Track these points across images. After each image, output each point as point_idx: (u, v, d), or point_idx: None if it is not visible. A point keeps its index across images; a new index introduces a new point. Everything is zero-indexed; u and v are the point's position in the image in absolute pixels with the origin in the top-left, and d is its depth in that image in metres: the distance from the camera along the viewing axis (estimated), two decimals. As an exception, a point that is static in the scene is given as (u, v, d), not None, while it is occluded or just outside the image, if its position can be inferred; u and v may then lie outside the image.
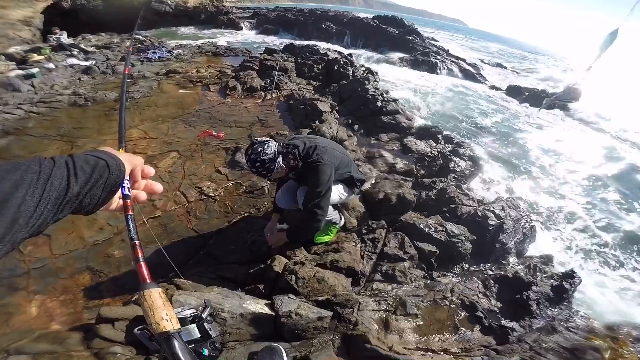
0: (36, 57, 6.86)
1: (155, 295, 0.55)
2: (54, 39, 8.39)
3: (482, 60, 20.84)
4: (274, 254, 2.41)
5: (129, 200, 0.60)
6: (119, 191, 0.59)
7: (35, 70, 5.77)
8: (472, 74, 14.03)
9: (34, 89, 5.34)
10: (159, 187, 0.69)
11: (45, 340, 1.79)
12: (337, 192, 2.36)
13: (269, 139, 2.06)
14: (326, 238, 2.58)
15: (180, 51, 9.18)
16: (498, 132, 7.55)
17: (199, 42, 12.46)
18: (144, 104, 4.78)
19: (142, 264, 0.58)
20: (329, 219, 2.45)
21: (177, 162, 3.32)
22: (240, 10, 27.17)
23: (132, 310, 1.86)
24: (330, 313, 2.01)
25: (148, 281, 0.57)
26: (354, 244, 2.58)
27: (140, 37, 11.15)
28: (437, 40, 24.52)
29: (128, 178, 0.60)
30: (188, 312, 0.73)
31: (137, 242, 0.60)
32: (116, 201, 0.60)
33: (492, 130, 7.59)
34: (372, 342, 1.85)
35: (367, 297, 2.29)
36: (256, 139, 2.03)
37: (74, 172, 0.48)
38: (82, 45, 8.63)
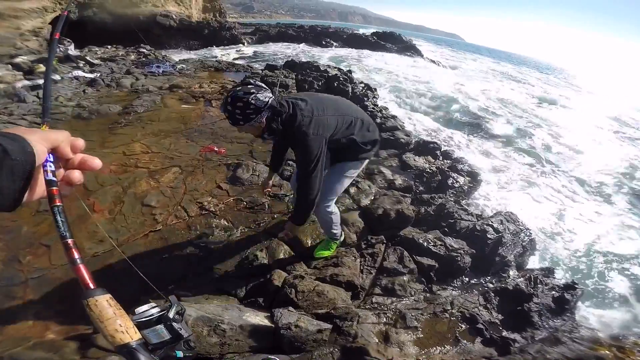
0: (43, 67, 6.98)
1: (102, 303, 0.47)
2: (61, 50, 8.55)
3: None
4: (274, 268, 2.44)
5: (54, 188, 0.50)
6: (42, 176, 0.49)
7: (41, 81, 5.87)
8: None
9: (39, 100, 5.44)
10: (97, 162, 0.56)
11: (41, 348, 1.79)
12: (342, 179, 2.16)
13: (266, 86, 1.73)
14: (326, 253, 2.60)
15: (184, 66, 9.37)
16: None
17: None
18: (147, 119, 4.87)
19: (81, 266, 0.48)
20: (333, 232, 2.47)
21: (179, 177, 3.36)
22: (242, 26, 27.78)
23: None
24: (329, 326, 2.02)
25: (92, 287, 0.47)
26: (353, 258, 2.60)
27: (145, 50, 11.40)
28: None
29: (52, 159, 0.50)
30: (153, 312, 0.66)
31: (69, 241, 0.49)
32: (41, 187, 0.50)
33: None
34: (371, 354, 1.86)
35: (367, 310, 2.30)
36: (255, 80, 1.77)
37: None
38: (87, 58, 8.81)
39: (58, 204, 0.50)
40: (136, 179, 3.24)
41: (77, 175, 0.54)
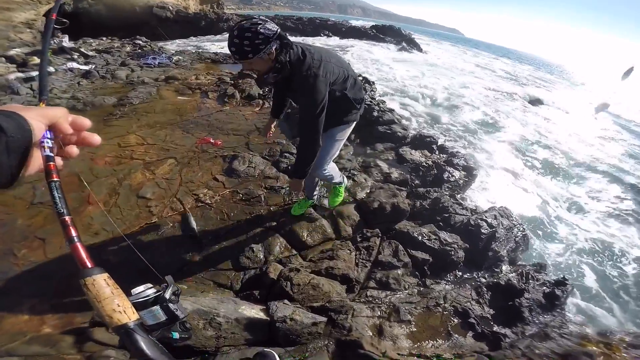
0: (37, 60, 6.87)
1: (100, 282, 0.46)
2: (55, 42, 8.42)
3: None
4: (269, 261, 2.45)
5: (51, 163, 0.50)
6: (40, 152, 0.50)
7: (35, 73, 5.79)
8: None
9: (33, 92, 5.36)
10: (96, 138, 0.58)
11: (37, 343, 1.78)
12: (334, 143, 2.19)
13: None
14: (339, 199, 2.74)
15: (180, 57, 9.26)
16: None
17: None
18: (142, 110, 4.82)
19: (78, 244, 0.47)
20: (336, 181, 2.52)
21: (175, 169, 3.34)
22: (240, 18, 27.42)
23: (128, 313, 1.87)
24: (324, 319, 2.04)
25: (89, 266, 0.46)
26: (348, 251, 2.62)
27: (140, 42, 11.24)
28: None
29: (50, 136, 0.51)
30: (150, 292, 0.65)
31: (67, 218, 0.48)
32: (37, 162, 0.50)
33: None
34: (365, 347, 1.89)
35: (362, 303, 2.33)
36: (257, 16, 1.66)
37: None
38: (82, 49, 8.66)
39: (55, 179, 0.50)
40: (131, 171, 3.22)
41: (74, 150, 0.56)
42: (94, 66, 7.31)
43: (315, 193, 2.87)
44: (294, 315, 1.94)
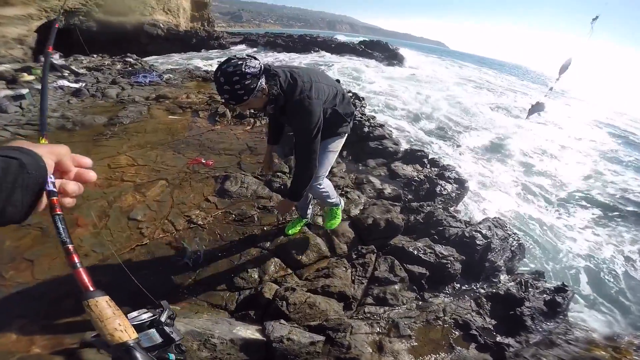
0: (27, 77, 6.80)
1: (102, 304, 0.50)
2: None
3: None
4: (264, 280, 2.41)
5: (54, 198, 0.53)
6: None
7: (25, 91, 5.72)
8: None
9: (22, 110, 5.29)
10: (92, 174, 0.61)
11: (26, 363, 1.72)
12: (327, 155, 2.20)
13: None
14: (336, 222, 2.62)
15: (171, 75, 9.30)
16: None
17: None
18: (133, 130, 4.79)
19: (81, 270, 0.52)
20: (332, 201, 2.49)
21: (166, 191, 3.30)
22: (231, 35, 27.86)
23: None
24: (322, 337, 2.00)
25: (91, 289, 0.51)
26: (344, 269, 2.60)
27: (131, 60, 11.28)
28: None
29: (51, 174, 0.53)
30: (145, 317, 0.70)
31: (70, 246, 0.53)
32: (44, 200, 0.52)
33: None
34: (365, 367, 1.85)
35: (360, 320, 2.30)
36: (234, 56, 1.62)
37: None
38: (73, 67, 8.64)
39: (58, 212, 0.53)
40: (122, 193, 3.17)
41: (72, 187, 0.57)
42: (84, 84, 7.27)
43: (308, 212, 2.86)
44: (290, 335, 1.91)
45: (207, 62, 15.81)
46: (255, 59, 1.61)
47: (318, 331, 2.07)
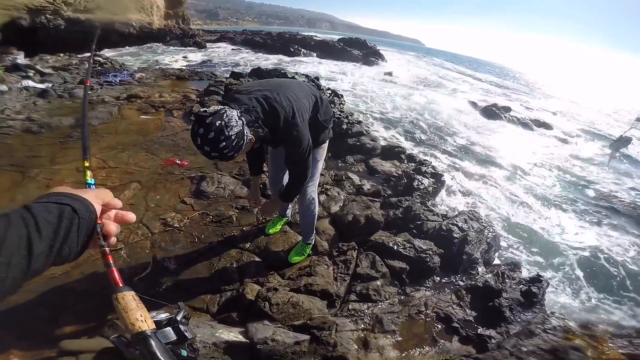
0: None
1: (128, 297, 0.57)
2: (9, 59, 7.89)
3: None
4: (246, 282, 2.37)
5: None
6: None
7: (5, 88, 5.37)
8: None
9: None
10: (131, 216, 0.67)
11: (3, 375, 1.64)
12: (315, 164, 2.19)
13: (221, 106, 1.44)
14: (300, 258, 2.61)
15: (143, 74, 8.98)
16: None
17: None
18: (103, 131, 4.58)
19: (114, 269, 0.59)
20: (308, 238, 2.55)
21: (139, 194, 3.18)
22: (207, 33, 27.23)
23: (97, 342, 1.73)
24: (307, 337, 1.99)
25: (121, 285, 0.58)
26: (326, 266, 2.59)
27: (100, 59, 10.80)
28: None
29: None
30: (163, 316, 0.74)
31: (107, 249, 0.59)
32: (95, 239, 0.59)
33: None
34: (352, 362, 1.85)
35: (344, 317, 2.30)
36: (204, 110, 1.39)
37: (36, 228, 0.45)
38: (38, 67, 8.17)
39: (99, 222, 0.59)
40: (92, 197, 3.02)
41: (113, 227, 0.62)
42: (50, 85, 6.90)
43: (288, 211, 2.84)
44: (275, 335, 1.90)
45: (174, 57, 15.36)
46: (232, 108, 1.44)
47: (302, 330, 2.06)
